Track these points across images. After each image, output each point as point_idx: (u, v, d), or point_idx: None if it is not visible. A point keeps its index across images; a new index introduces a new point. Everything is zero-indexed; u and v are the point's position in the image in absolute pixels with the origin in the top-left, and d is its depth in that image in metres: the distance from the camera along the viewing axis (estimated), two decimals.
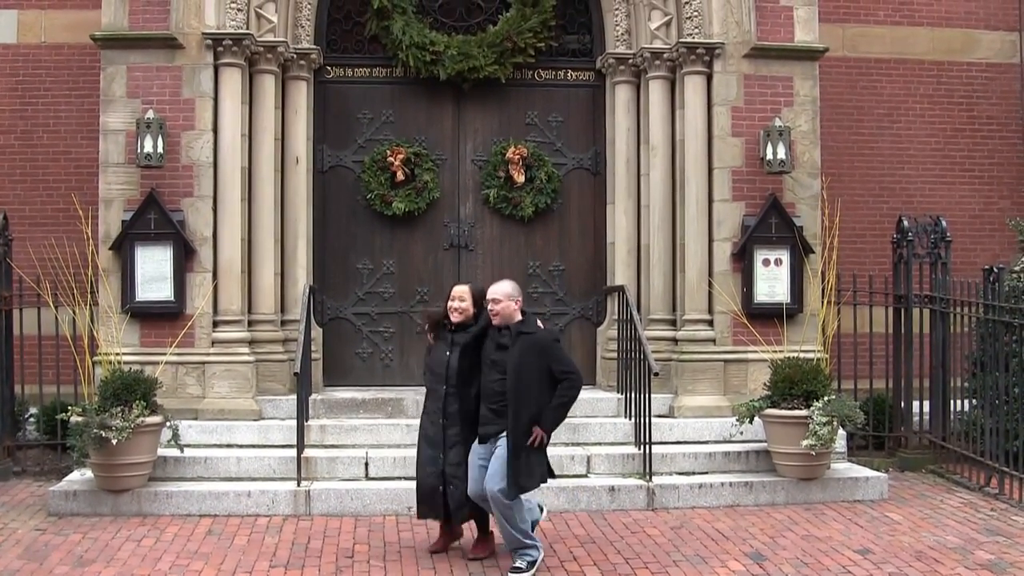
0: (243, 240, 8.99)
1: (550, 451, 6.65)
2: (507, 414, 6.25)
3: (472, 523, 6.71)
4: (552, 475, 6.66)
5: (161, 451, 7.93)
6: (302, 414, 8.08)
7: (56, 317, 8.79)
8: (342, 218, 9.82)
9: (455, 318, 6.53)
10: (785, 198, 9.23)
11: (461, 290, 6.61)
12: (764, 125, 9.13)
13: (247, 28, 8.92)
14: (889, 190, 11.22)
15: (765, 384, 8.50)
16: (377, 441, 8.50)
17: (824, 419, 7.92)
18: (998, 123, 11.49)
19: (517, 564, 6.30)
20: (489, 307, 6.40)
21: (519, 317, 6.42)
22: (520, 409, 6.21)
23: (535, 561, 6.34)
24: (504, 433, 6.29)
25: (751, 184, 9.21)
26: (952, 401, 9.31)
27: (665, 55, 9.40)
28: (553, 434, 6.49)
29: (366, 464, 8.14)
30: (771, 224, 9.15)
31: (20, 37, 10.41)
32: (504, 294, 6.37)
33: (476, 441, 6.48)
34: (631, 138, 9.75)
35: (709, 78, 9.29)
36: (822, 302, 9.12)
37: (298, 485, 7.82)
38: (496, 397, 6.34)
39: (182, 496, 7.71)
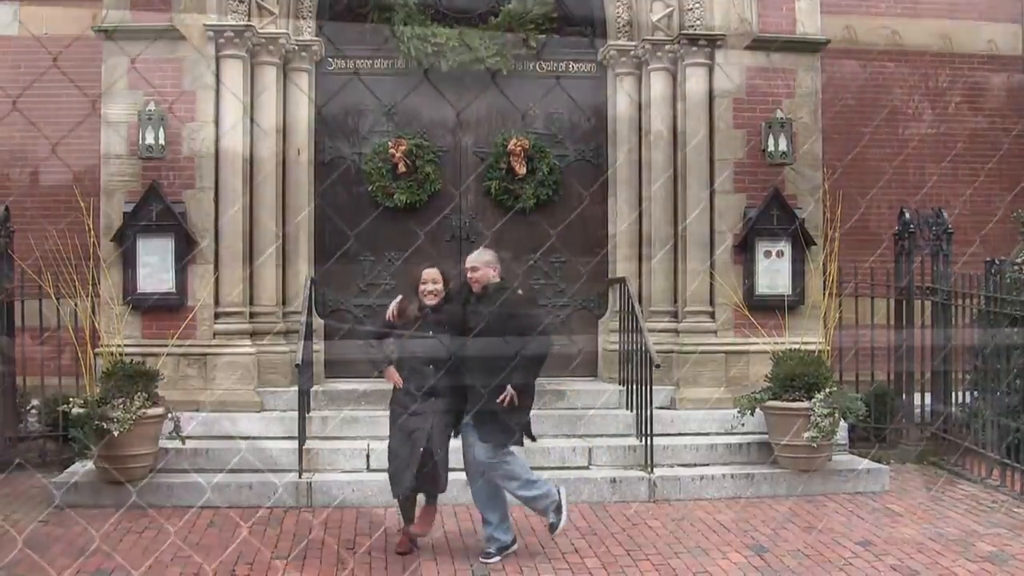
0: (244, 232, 8.99)
1: (552, 442, 6.68)
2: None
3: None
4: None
5: (163, 443, 7.94)
6: (304, 406, 8.09)
7: (58, 309, 8.79)
8: (344, 210, 9.82)
9: (431, 301, 6.41)
10: (787, 190, 9.22)
11: (431, 273, 6.44)
12: (766, 117, 9.13)
13: (248, 20, 8.91)
14: (891, 182, 11.20)
15: (766, 376, 8.49)
16: (378, 433, 8.41)
17: (825, 411, 7.92)
18: (1000, 115, 11.48)
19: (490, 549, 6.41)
20: (468, 275, 6.39)
21: (497, 280, 6.41)
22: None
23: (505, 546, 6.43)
24: None
25: (752, 176, 9.21)
26: (953, 393, 9.32)
27: (667, 46, 9.38)
28: (555, 426, 6.49)
29: (367, 456, 8.16)
30: (773, 216, 9.14)
31: (22, 29, 10.41)
32: (482, 261, 6.39)
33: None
34: (632, 130, 9.74)
35: (711, 70, 9.28)
36: (824, 294, 9.12)
37: (300, 477, 7.84)
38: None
39: (183, 488, 7.71)
